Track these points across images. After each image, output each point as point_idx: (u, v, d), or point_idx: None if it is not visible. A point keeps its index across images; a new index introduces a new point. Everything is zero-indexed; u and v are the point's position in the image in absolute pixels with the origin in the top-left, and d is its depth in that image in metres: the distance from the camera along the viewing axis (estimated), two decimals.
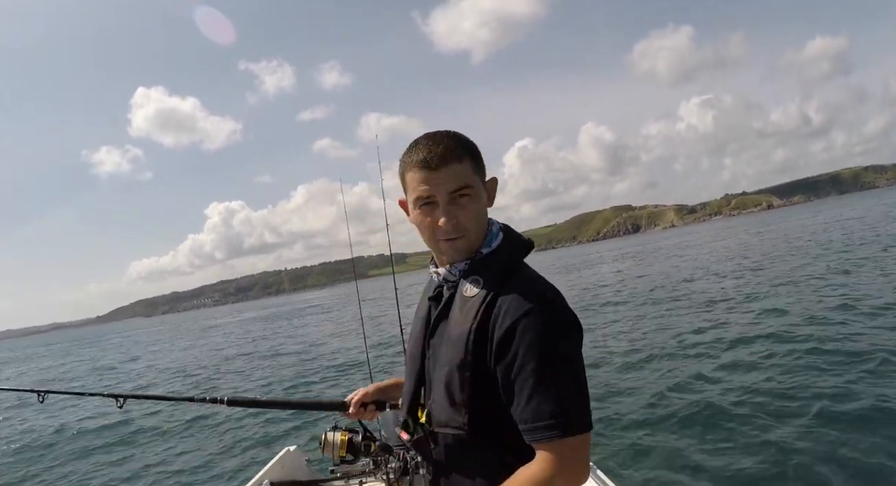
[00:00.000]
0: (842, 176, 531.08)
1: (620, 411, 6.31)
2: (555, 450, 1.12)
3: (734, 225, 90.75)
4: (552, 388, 1.12)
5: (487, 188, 1.33)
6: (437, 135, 1.28)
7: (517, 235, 1.36)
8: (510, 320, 1.16)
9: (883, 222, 29.74)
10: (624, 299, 16.52)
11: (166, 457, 7.76)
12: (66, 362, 31.03)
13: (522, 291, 1.20)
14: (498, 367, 1.18)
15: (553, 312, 1.18)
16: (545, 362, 1.13)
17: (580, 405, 1.15)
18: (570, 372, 1.15)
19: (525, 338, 1.14)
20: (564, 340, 1.17)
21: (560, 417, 1.11)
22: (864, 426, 4.80)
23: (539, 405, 1.12)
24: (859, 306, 9.46)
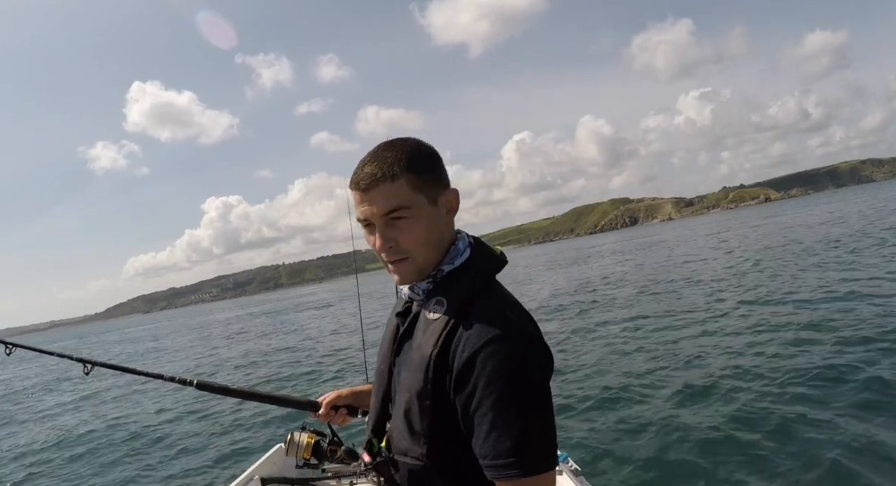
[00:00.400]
0: (839, 169, 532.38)
1: (608, 413, 6.29)
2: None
3: (731, 218, 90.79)
4: (513, 423, 1.04)
5: (445, 201, 1.21)
6: (378, 150, 1.17)
7: (487, 251, 1.25)
8: (471, 349, 1.07)
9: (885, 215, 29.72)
10: (617, 291, 16.50)
11: (156, 454, 7.72)
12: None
13: (487, 316, 1.10)
14: (457, 398, 1.10)
15: (518, 341, 1.08)
16: (506, 395, 1.04)
17: (543, 442, 1.06)
18: (534, 407, 1.06)
19: (486, 369, 1.05)
20: (528, 372, 1.07)
21: (520, 455, 1.03)
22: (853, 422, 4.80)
23: (498, 440, 1.04)
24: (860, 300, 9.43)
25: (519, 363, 1.06)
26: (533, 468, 1.03)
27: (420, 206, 1.16)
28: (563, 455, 2.86)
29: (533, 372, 1.07)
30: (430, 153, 1.20)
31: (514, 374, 1.05)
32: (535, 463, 1.04)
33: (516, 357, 1.06)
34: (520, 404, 1.04)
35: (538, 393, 1.07)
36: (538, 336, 1.13)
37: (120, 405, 12.00)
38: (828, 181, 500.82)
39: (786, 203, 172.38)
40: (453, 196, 1.22)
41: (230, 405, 9.49)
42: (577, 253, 55.07)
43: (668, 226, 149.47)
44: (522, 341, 1.08)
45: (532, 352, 1.09)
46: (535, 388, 1.07)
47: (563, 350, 9.71)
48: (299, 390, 10.34)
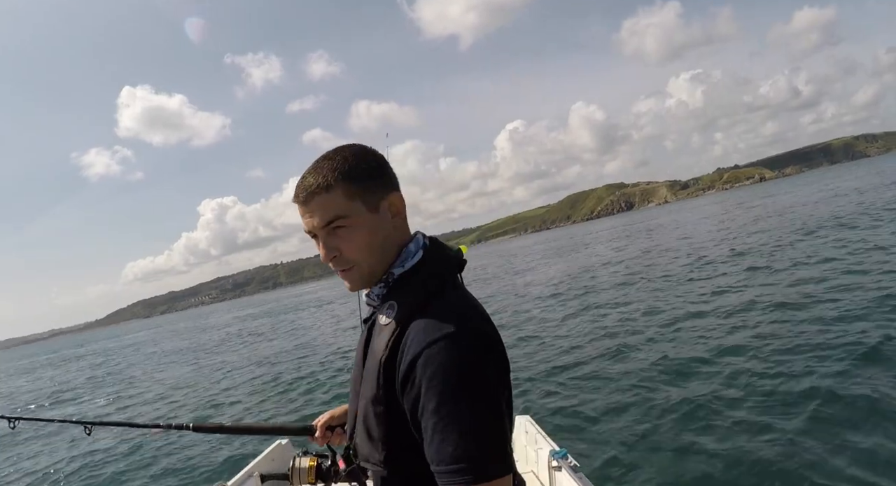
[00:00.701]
0: (833, 146, 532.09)
1: (606, 404, 6.33)
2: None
3: (726, 199, 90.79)
4: (454, 427, 0.98)
5: (388, 205, 1.19)
6: (318, 161, 1.18)
7: (442, 252, 1.23)
8: (413, 351, 1.04)
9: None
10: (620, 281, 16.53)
11: (153, 447, 7.77)
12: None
13: (432, 317, 1.07)
14: (405, 402, 1.07)
15: (459, 340, 1.03)
16: (446, 398, 0.99)
17: (489, 448, 0.99)
18: (479, 409, 1.00)
19: (426, 372, 1.01)
20: (471, 373, 1.01)
21: (465, 461, 0.98)
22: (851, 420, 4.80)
23: (441, 445, 1.00)
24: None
25: (463, 363, 1.01)
26: (479, 475, 0.98)
27: (358, 214, 1.15)
28: (562, 451, 2.87)
29: (480, 372, 1.02)
30: (369, 160, 1.18)
31: (457, 374, 1.00)
32: (480, 471, 0.98)
33: (457, 359, 1.01)
34: (461, 407, 0.99)
35: (485, 394, 1.01)
36: (488, 335, 1.08)
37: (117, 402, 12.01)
38: (822, 158, 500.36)
39: (781, 182, 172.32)
40: (397, 199, 1.21)
41: (231, 405, 9.52)
42: (573, 241, 55.05)
43: (665, 209, 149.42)
44: (465, 340, 1.03)
45: (479, 351, 1.04)
46: (482, 389, 1.01)
47: (563, 347, 9.75)
48: (304, 392, 10.34)
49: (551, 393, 6.94)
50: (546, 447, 3.04)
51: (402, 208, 1.22)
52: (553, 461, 2.83)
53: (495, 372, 1.05)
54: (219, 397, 11.27)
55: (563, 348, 9.38)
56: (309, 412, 8.13)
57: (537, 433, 3.25)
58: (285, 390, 10.50)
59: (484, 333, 1.07)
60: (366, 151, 1.20)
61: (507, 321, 12.98)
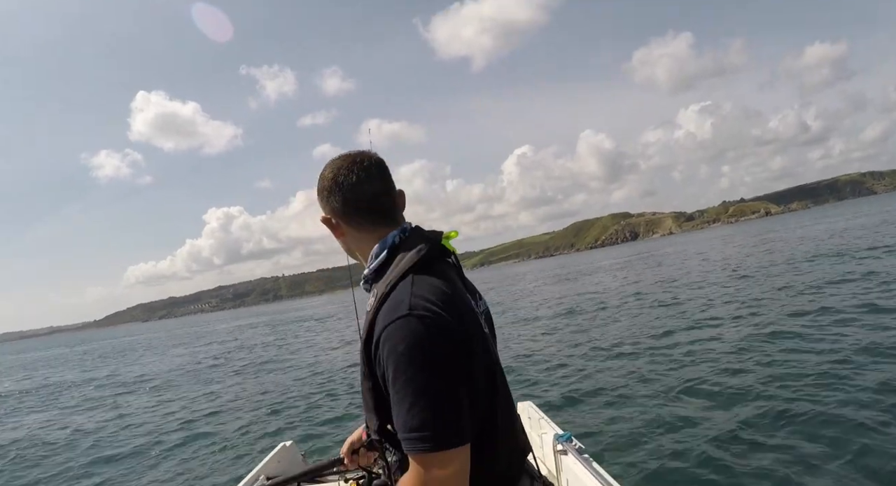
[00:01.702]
0: (840, 182, 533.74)
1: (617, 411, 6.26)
2: (419, 462, 1.12)
3: (732, 233, 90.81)
4: (407, 399, 1.11)
5: (330, 222, 1.45)
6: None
7: (413, 244, 1.36)
8: (378, 330, 1.19)
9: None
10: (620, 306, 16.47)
11: (162, 450, 7.71)
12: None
13: (393, 301, 1.22)
14: (379, 377, 1.21)
15: (410, 320, 1.15)
16: (399, 371, 1.12)
17: (443, 418, 1.10)
18: (430, 382, 1.11)
19: (385, 348, 1.15)
20: (421, 348, 1.13)
21: (420, 430, 1.09)
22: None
23: (400, 415, 1.13)
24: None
25: (412, 341, 1.12)
26: (434, 442, 1.08)
27: (325, 224, 1.45)
28: (566, 435, 2.87)
29: (427, 348, 1.13)
30: (321, 179, 1.43)
31: (406, 351, 1.12)
32: (435, 439, 1.08)
33: (409, 336, 1.13)
34: (413, 380, 1.11)
35: (436, 369, 1.12)
36: (437, 314, 1.17)
37: (126, 408, 11.94)
38: (828, 194, 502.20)
39: (787, 217, 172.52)
40: (334, 218, 1.44)
41: (235, 406, 9.48)
42: (570, 270, 54.97)
43: (669, 240, 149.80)
44: (417, 320, 1.15)
45: (426, 329, 1.14)
46: (430, 364, 1.12)
47: (571, 341, 9.68)
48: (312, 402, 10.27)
49: (554, 379, 7.07)
50: (550, 431, 3.04)
51: (339, 229, 1.45)
52: (558, 444, 2.83)
53: (443, 348, 1.14)
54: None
55: (567, 340, 9.39)
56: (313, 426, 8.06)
57: (541, 418, 3.27)
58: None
59: (431, 312, 1.17)
60: (323, 171, 1.43)
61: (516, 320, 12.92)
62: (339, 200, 1.40)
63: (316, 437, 7.09)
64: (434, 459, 1.10)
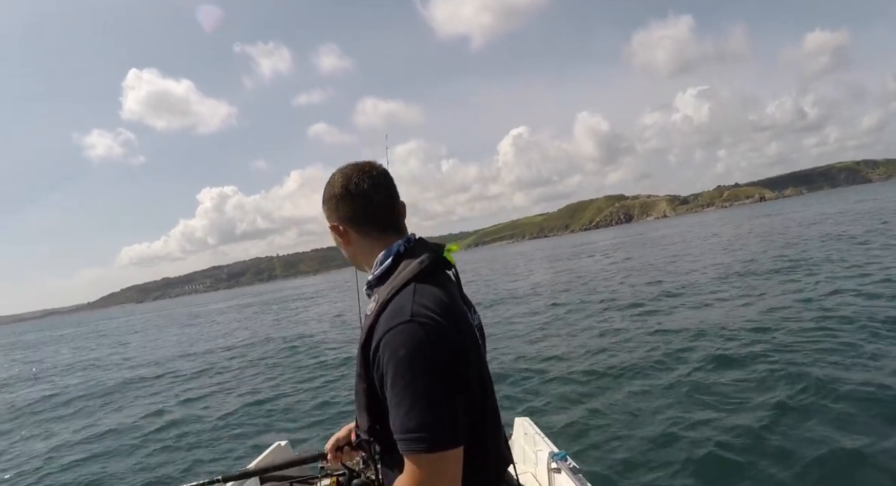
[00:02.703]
0: (834, 170, 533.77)
1: (602, 410, 6.29)
2: (415, 463, 1.18)
3: (725, 216, 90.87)
4: (406, 401, 1.17)
5: (337, 229, 1.49)
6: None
7: (416, 255, 1.41)
8: (378, 336, 1.25)
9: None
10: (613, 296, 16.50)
11: (155, 450, 7.67)
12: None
13: (394, 307, 1.27)
14: (377, 380, 1.27)
15: (411, 326, 1.21)
16: (399, 375, 1.18)
17: (439, 420, 1.16)
18: (429, 387, 1.17)
19: (386, 352, 1.21)
20: (421, 354, 1.19)
21: (417, 431, 1.15)
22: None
23: (397, 417, 1.18)
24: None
25: (412, 347, 1.19)
26: (431, 444, 1.15)
27: (333, 231, 1.50)
28: (561, 453, 2.86)
29: (426, 354, 1.19)
30: (329, 188, 1.48)
31: (406, 356, 1.18)
32: (431, 440, 1.15)
33: (409, 342, 1.19)
34: (413, 384, 1.17)
35: (433, 375, 1.18)
36: (436, 322, 1.23)
37: (117, 404, 11.97)
38: (822, 182, 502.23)
39: (780, 203, 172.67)
40: (341, 227, 1.48)
41: (231, 404, 9.48)
42: (567, 251, 54.95)
43: (663, 223, 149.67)
44: (418, 326, 1.21)
45: (426, 336, 1.20)
46: (429, 369, 1.18)
47: (562, 352, 9.72)
48: (309, 389, 10.30)
49: (550, 395, 6.95)
50: (545, 448, 3.03)
51: (346, 238, 1.49)
52: (552, 462, 2.83)
53: (445, 356, 1.21)
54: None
55: (563, 351, 9.36)
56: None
57: (536, 435, 3.25)
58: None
59: (432, 320, 1.23)
60: (332, 179, 1.48)
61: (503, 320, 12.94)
62: (349, 209, 1.44)
63: (312, 437, 6.89)
64: (429, 459, 1.16)
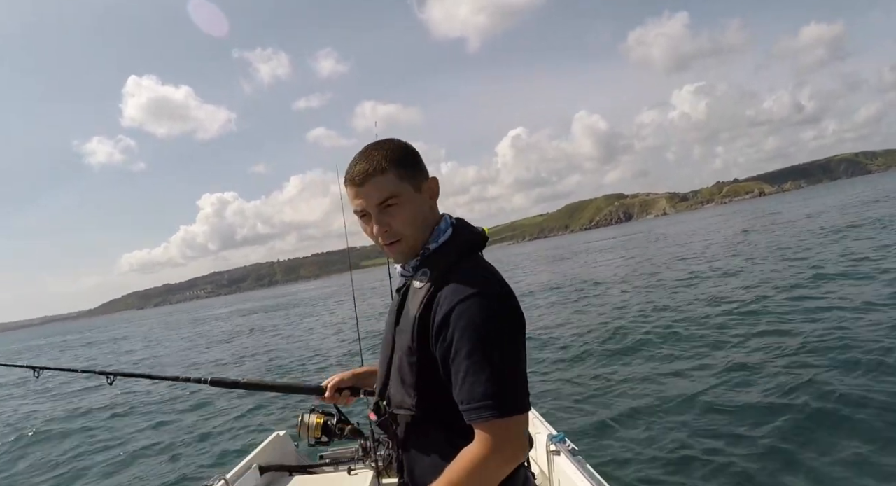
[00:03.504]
0: (833, 163, 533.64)
1: (609, 401, 6.30)
2: (489, 430, 1.18)
3: (726, 213, 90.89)
4: (484, 370, 1.18)
5: (427, 188, 1.40)
6: (367, 149, 1.38)
7: (467, 231, 1.43)
8: (447, 307, 1.24)
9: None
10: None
11: (154, 442, 7.73)
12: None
13: (462, 280, 1.27)
14: (438, 351, 1.26)
15: (487, 298, 1.23)
16: (477, 345, 1.19)
17: (514, 387, 1.20)
18: (504, 355, 1.20)
19: (459, 323, 1.21)
20: (497, 324, 1.21)
21: (493, 398, 1.16)
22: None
23: (472, 386, 1.18)
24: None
25: (488, 318, 1.21)
26: (505, 409, 1.17)
27: (406, 194, 1.35)
28: (559, 436, 2.87)
29: (501, 326, 1.22)
30: (411, 150, 1.40)
31: (483, 327, 1.20)
32: (506, 406, 1.17)
33: (485, 312, 1.21)
34: (490, 353, 1.19)
35: (507, 344, 1.22)
36: (508, 295, 1.28)
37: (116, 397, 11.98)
38: (821, 174, 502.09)
39: (780, 197, 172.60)
40: (434, 183, 1.43)
41: (229, 395, 9.50)
42: (564, 251, 54.89)
43: (663, 221, 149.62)
44: (492, 298, 1.24)
45: (501, 308, 1.24)
46: (504, 339, 1.21)
47: (563, 337, 9.74)
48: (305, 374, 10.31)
49: (548, 378, 7.00)
50: (544, 431, 3.03)
51: (437, 191, 1.44)
52: (551, 445, 2.83)
53: (516, 326, 1.26)
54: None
55: (560, 336, 9.39)
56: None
57: (535, 418, 3.24)
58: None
59: (506, 293, 1.28)
60: (406, 144, 1.41)
61: None
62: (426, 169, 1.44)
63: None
64: (503, 424, 1.18)
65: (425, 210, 1.40)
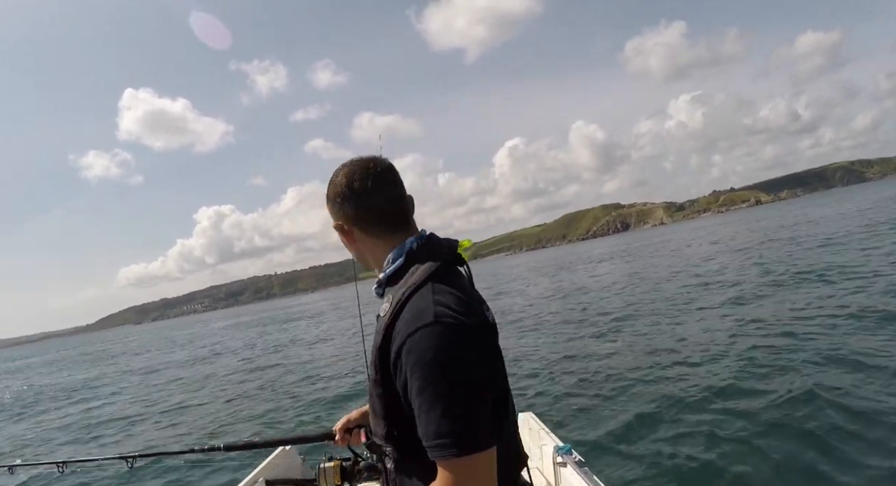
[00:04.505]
0: (829, 171, 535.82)
1: (610, 408, 6.28)
2: (449, 468, 1.14)
3: (723, 222, 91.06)
4: (437, 407, 1.13)
5: (343, 227, 1.42)
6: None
7: (430, 252, 1.37)
8: (399, 340, 1.20)
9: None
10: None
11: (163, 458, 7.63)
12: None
13: (414, 310, 1.22)
14: (398, 385, 1.23)
15: (436, 330, 1.17)
16: (428, 381, 1.14)
17: (470, 423, 1.13)
18: (456, 390, 1.14)
19: (409, 359, 1.17)
20: (446, 358, 1.15)
21: (449, 436, 1.12)
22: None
23: (427, 424, 1.15)
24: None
25: (437, 352, 1.15)
26: (463, 448, 1.12)
27: (338, 228, 1.43)
28: (566, 447, 2.87)
29: (453, 357, 1.15)
30: (328, 190, 1.42)
31: (433, 362, 1.14)
32: (463, 444, 1.12)
33: (434, 346, 1.15)
34: (440, 389, 1.13)
35: (460, 378, 1.14)
36: (461, 323, 1.19)
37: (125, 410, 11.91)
38: (818, 183, 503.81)
39: (777, 206, 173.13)
40: (346, 225, 1.41)
41: (233, 411, 9.47)
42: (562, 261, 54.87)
43: (660, 231, 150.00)
44: (442, 329, 1.17)
45: (452, 340, 1.16)
46: (457, 372, 1.14)
47: (567, 346, 9.72)
48: (318, 397, 10.27)
49: (554, 389, 6.97)
50: (550, 442, 3.03)
51: (352, 236, 1.42)
52: (558, 456, 2.83)
53: (471, 356, 1.17)
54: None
55: (565, 346, 9.37)
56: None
57: (541, 429, 3.25)
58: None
59: (457, 322, 1.19)
60: (335, 176, 1.40)
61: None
62: (353, 207, 1.38)
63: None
64: (461, 463, 1.13)
65: (357, 246, 1.43)
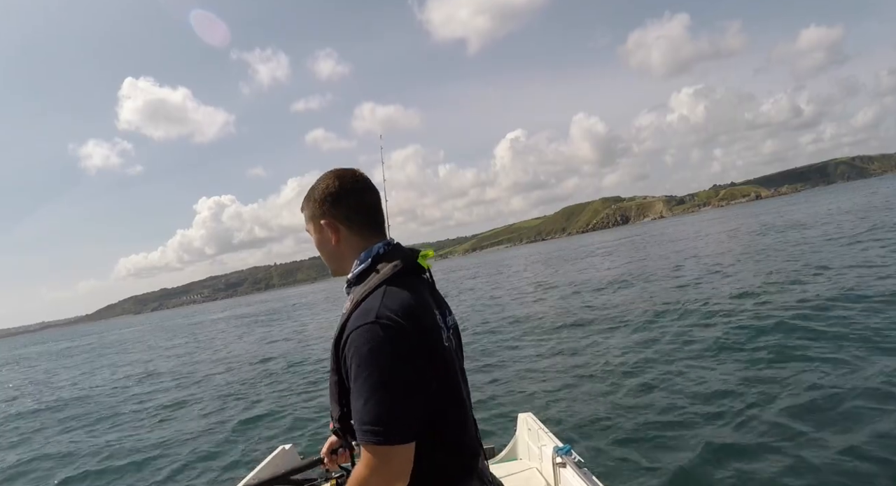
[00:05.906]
0: (830, 166, 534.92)
1: (602, 410, 6.30)
2: (370, 452, 1.30)
3: (721, 216, 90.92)
4: (362, 395, 1.29)
5: (324, 229, 1.57)
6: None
7: (392, 258, 1.51)
8: (346, 334, 1.36)
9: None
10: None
11: (160, 453, 7.70)
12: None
13: (362, 308, 1.38)
14: (343, 374, 1.40)
15: (373, 326, 1.32)
16: (360, 371, 1.30)
17: (393, 415, 1.28)
18: (384, 384, 1.28)
19: (351, 350, 1.33)
20: (377, 353, 1.29)
21: (370, 424, 1.27)
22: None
23: (356, 410, 1.31)
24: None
25: (371, 346, 1.30)
26: (381, 436, 1.27)
27: (312, 232, 1.62)
28: (565, 447, 2.87)
29: (386, 354, 1.30)
30: (314, 191, 1.57)
31: (367, 355, 1.30)
32: (382, 433, 1.27)
33: (368, 341, 1.31)
34: (370, 380, 1.29)
35: (391, 373, 1.29)
36: (398, 324, 1.34)
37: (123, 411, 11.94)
38: (818, 178, 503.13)
39: (776, 200, 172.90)
40: (329, 226, 1.56)
41: (232, 410, 9.49)
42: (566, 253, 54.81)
43: (659, 224, 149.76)
44: (377, 326, 1.32)
45: (386, 336, 1.31)
46: (388, 368, 1.29)
47: (566, 346, 9.73)
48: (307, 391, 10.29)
49: (554, 389, 6.97)
50: (549, 443, 3.04)
51: (334, 236, 1.57)
52: (557, 457, 2.83)
53: (400, 355, 1.31)
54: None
55: (565, 345, 9.37)
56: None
57: (540, 429, 3.25)
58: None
59: (393, 322, 1.33)
60: (324, 178, 1.57)
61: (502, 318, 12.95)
62: (345, 206, 1.54)
63: (320, 439, 6.92)
64: (381, 451, 1.28)
65: (331, 246, 1.58)
